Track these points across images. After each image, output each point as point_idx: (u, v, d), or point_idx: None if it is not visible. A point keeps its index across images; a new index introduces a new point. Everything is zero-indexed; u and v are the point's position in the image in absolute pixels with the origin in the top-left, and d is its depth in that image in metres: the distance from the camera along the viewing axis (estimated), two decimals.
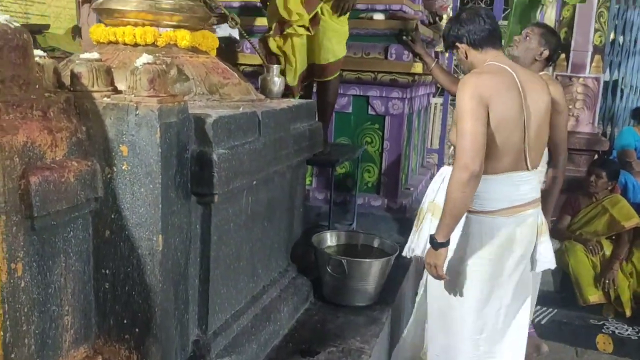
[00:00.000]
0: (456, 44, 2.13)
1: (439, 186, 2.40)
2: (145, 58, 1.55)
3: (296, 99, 2.67)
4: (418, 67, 3.58)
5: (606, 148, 5.08)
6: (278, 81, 2.54)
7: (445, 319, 2.24)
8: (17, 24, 1.37)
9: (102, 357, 1.61)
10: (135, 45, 2.03)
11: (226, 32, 3.86)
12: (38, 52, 1.54)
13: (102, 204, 1.56)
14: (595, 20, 4.87)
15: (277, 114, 2.14)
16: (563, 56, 4.92)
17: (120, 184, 1.55)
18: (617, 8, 5.49)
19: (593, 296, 3.80)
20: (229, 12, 2.63)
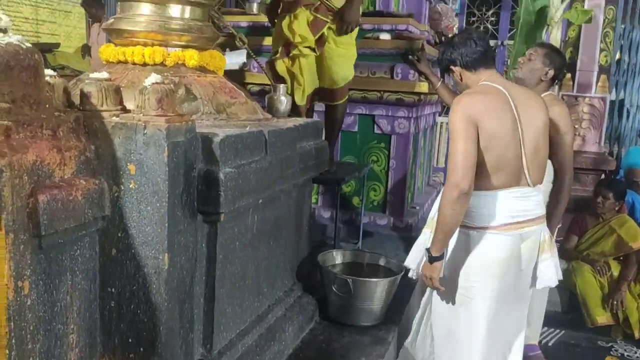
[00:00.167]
0: (450, 67, 2.19)
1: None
2: (153, 78, 1.57)
3: (302, 118, 2.68)
4: (424, 87, 3.60)
5: (613, 167, 5.06)
6: (285, 100, 2.56)
7: (452, 336, 2.23)
8: (29, 44, 1.39)
9: None
10: (144, 64, 2.05)
11: (238, 59, 3.89)
12: (48, 71, 1.56)
13: (109, 222, 1.56)
14: (601, 40, 4.89)
15: (283, 133, 2.15)
16: (569, 76, 4.93)
17: (128, 203, 1.55)
18: (622, 28, 5.51)
19: (601, 317, 3.75)
20: (237, 32, 2.65)
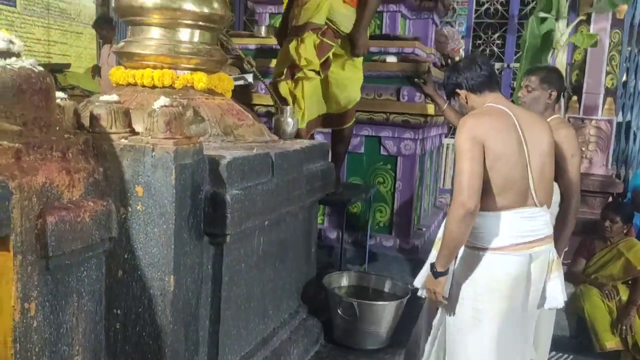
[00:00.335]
0: (456, 90, 2.24)
1: None
2: (162, 101, 1.59)
3: (309, 140, 2.70)
4: (430, 109, 3.62)
5: (620, 190, 5.04)
6: (292, 122, 2.58)
7: (464, 357, 2.21)
8: (41, 67, 1.42)
9: None
10: (153, 87, 2.08)
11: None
12: (59, 94, 1.58)
13: (115, 244, 1.57)
14: (607, 63, 4.91)
15: (290, 155, 2.16)
16: (575, 98, 4.95)
17: (135, 224, 1.56)
18: (628, 51, 5.53)
19: (610, 342, 3.70)
20: (245, 55, 2.69)
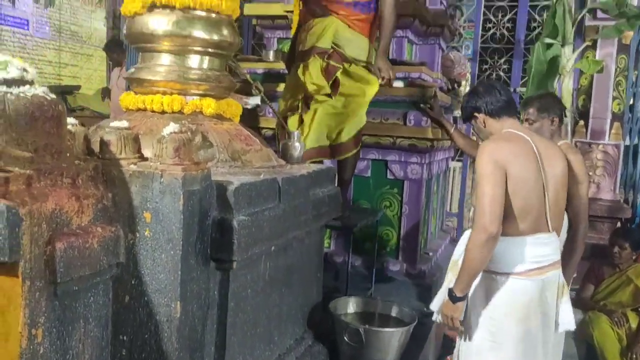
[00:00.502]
0: (474, 114, 2.26)
1: (463, 248, 2.40)
2: (171, 127, 1.61)
3: (315, 165, 2.71)
4: (436, 133, 3.63)
5: (629, 215, 5.02)
6: (299, 147, 2.59)
7: None
8: (53, 95, 1.44)
9: None
10: (163, 112, 2.10)
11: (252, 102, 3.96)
12: (70, 119, 1.60)
13: (123, 270, 1.58)
14: (614, 88, 4.93)
15: (297, 180, 2.17)
16: (582, 123, 4.95)
17: (142, 250, 1.57)
18: (635, 75, 5.54)
19: None
20: (254, 80, 2.72)
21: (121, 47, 6.10)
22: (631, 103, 5.66)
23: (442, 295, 2.32)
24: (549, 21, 3.84)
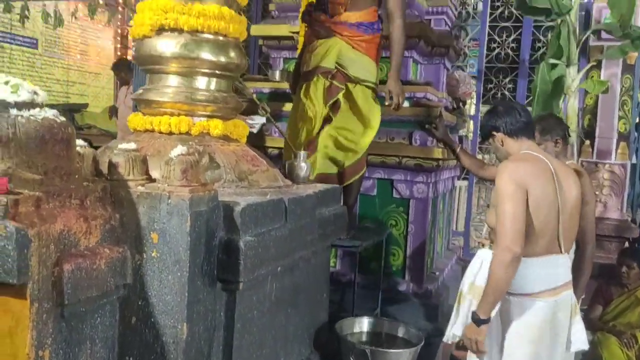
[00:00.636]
0: (493, 133, 2.28)
1: (478, 268, 2.40)
2: (179, 149, 1.63)
3: (322, 184, 2.71)
4: (442, 152, 3.64)
5: (636, 235, 4.98)
6: (305, 167, 2.60)
7: None
8: (63, 118, 1.46)
9: None
10: (170, 133, 2.12)
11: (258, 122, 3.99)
12: (79, 141, 1.62)
13: (130, 290, 1.58)
14: (619, 108, 4.93)
15: (303, 200, 2.18)
16: (588, 142, 4.95)
17: (149, 271, 1.58)
18: None
19: None
20: (260, 101, 2.74)
21: (129, 67, 6.16)
22: (637, 122, 5.66)
23: (462, 316, 2.31)
24: (553, 42, 3.86)
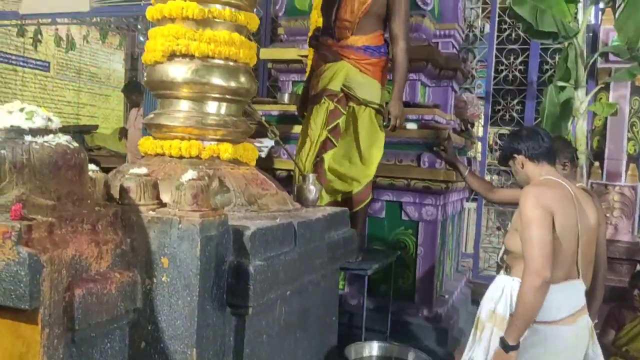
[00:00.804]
0: (514, 155, 2.28)
1: (499, 296, 2.36)
2: (190, 174, 1.64)
3: (331, 207, 2.71)
4: (451, 175, 3.64)
5: None
6: (314, 189, 2.60)
7: None
8: (76, 143, 1.48)
9: None
10: (181, 157, 2.14)
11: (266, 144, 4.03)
12: (91, 166, 1.64)
13: (139, 315, 1.58)
14: (628, 129, 4.93)
15: (312, 224, 2.18)
16: (597, 164, 4.94)
17: (159, 296, 1.58)
18: None
19: None
20: (270, 124, 2.76)
21: (139, 89, 6.23)
22: None
23: (485, 345, 2.29)
24: (561, 64, 3.88)
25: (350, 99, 3.24)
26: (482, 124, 5.91)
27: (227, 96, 2.20)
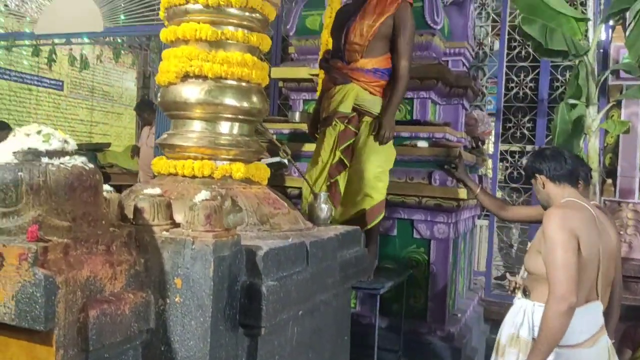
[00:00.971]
0: (535, 175, 2.28)
1: (521, 320, 2.33)
2: (203, 194, 1.65)
3: (343, 227, 2.71)
4: (462, 193, 3.63)
5: None
6: (325, 208, 2.61)
7: None
8: (91, 164, 1.50)
9: None
10: (194, 177, 2.15)
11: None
12: (106, 186, 1.66)
13: (152, 336, 1.58)
14: None
15: (324, 243, 2.18)
16: (610, 181, 4.90)
17: (172, 316, 1.58)
18: None
19: None
20: (281, 143, 2.77)
21: (151, 107, 6.30)
22: None
23: None
24: (572, 82, 3.87)
25: (362, 114, 3.27)
26: (493, 141, 5.90)
27: (240, 116, 2.22)
